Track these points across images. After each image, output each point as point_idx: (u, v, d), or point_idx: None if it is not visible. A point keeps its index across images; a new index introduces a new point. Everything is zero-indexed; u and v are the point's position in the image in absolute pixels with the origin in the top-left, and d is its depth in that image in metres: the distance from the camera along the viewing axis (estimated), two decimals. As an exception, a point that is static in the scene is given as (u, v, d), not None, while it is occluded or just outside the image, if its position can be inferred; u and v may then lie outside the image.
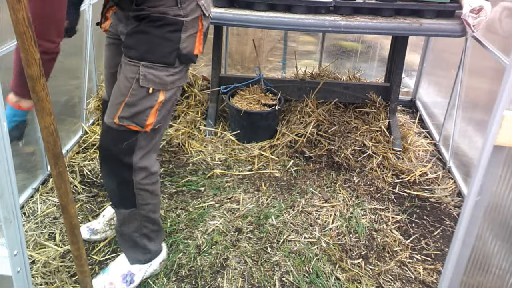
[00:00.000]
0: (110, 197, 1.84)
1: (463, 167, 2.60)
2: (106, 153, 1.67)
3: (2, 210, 1.15)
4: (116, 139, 1.61)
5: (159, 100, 1.58)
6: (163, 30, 1.52)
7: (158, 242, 1.90)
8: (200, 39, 1.60)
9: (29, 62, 1.16)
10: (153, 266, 1.90)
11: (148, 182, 1.70)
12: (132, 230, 1.79)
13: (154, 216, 1.80)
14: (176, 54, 1.55)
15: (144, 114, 1.58)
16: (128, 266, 1.86)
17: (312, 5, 2.41)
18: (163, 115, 1.64)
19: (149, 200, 1.74)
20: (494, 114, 1.00)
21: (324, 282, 1.92)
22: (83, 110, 2.87)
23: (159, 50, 1.54)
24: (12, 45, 2.03)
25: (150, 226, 1.81)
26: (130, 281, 1.84)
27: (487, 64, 2.40)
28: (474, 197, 1.07)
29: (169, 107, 1.65)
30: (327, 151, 2.72)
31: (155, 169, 1.72)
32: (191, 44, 1.58)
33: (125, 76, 1.58)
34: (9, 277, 1.25)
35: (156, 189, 1.76)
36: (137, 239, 1.81)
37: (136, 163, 1.64)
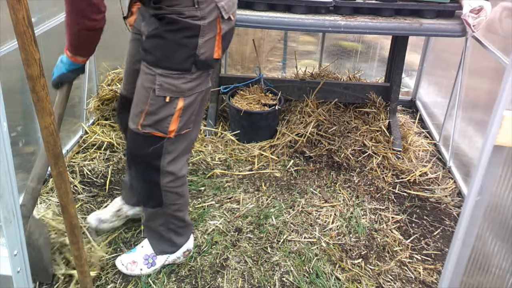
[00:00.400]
0: (138, 195, 1.88)
1: (463, 167, 2.60)
2: (134, 156, 1.69)
3: (2, 210, 1.15)
4: (143, 143, 1.64)
5: (178, 107, 1.57)
6: (179, 35, 1.48)
7: (186, 236, 1.94)
8: (219, 43, 1.54)
9: (29, 62, 1.16)
10: (176, 254, 1.94)
11: (174, 185, 1.74)
12: (158, 224, 1.84)
13: (180, 215, 1.85)
14: (193, 60, 1.51)
15: (166, 122, 1.59)
16: (151, 248, 1.92)
17: (312, 5, 2.41)
18: (185, 121, 1.62)
19: (176, 201, 1.78)
20: (494, 114, 1.00)
21: (324, 282, 1.92)
22: (83, 110, 2.87)
23: (174, 56, 1.50)
24: (12, 45, 2.03)
25: (176, 223, 1.86)
26: (151, 263, 1.91)
27: (487, 64, 2.40)
28: (474, 197, 1.07)
29: (192, 112, 1.63)
30: (327, 151, 2.72)
31: (183, 172, 1.74)
32: (209, 49, 1.52)
33: (142, 85, 1.59)
34: (9, 277, 1.25)
35: (183, 190, 1.79)
36: (163, 233, 1.86)
37: (163, 167, 1.67)
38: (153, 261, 1.92)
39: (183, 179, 1.77)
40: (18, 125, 2.21)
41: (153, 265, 1.92)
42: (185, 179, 1.79)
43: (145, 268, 1.91)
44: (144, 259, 1.91)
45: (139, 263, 1.91)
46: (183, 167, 1.75)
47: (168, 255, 1.94)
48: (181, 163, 1.72)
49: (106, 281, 1.89)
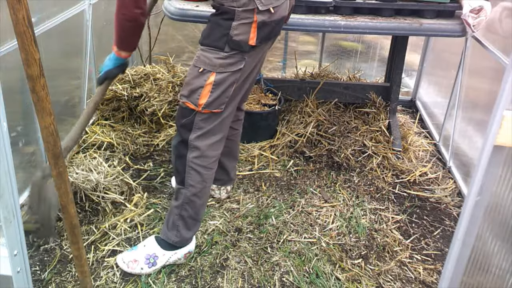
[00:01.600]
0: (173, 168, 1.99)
1: (463, 167, 2.60)
2: (176, 127, 1.88)
3: (2, 210, 1.16)
4: (180, 115, 1.83)
5: (209, 81, 1.71)
6: (218, 17, 1.70)
7: (191, 233, 1.97)
8: (255, 30, 1.67)
9: (29, 62, 1.16)
10: (178, 254, 1.96)
11: (199, 163, 1.83)
12: (174, 206, 1.93)
13: (197, 202, 1.90)
14: (226, 40, 1.67)
15: (197, 93, 1.74)
16: (154, 248, 1.95)
17: (312, 5, 2.41)
18: (215, 98, 1.74)
19: (197, 184, 1.86)
20: (494, 114, 1.00)
21: (324, 282, 1.92)
22: (83, 110, 2.86)
23: (212, 34, 1.70)
24: (12, 45, 2.03)
25: (189, 211, 1.90)
26: (152, 263, 1.93)
27: (487, 64, 2.40)
28: (474, 197, 1.07)
29: (222, 92, 1.74)
30: (327, 151, 2.72)
31: (210, 153, 1.84)
32: (244, 32, 1.67)
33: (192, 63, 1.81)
34: (9, 277, 1.25)
35: (206, 175, 1.87)
36: (174, 218, 1.92)
37: (191, 140, 1.81)
38: (154, 261, 1.93)
39: (210, 160, 1.85)
40: (18, 125, 2.21)
41: (154, 265, 1.93)
42: (211, 164, 1.87)
43: (146, 268, 1.92)
44: (145, 259, 1.93)
45: (141, 262, 1.92)
46: (211, 147, 1.84)
47: (169, 256, 1.94)
48: (209, 141, 1.82)
49: (106, 281, 1.89)
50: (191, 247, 1.99)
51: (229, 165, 2.29)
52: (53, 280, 1.89)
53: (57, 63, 2.61)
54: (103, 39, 3.08)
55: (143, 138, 2.82)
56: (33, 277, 1.89)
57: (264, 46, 1.83)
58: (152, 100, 2.79)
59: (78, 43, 2.77)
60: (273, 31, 1.77)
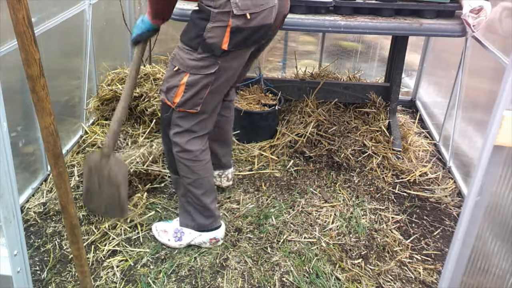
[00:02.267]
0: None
1: (463, 167, 2.60)
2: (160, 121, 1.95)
3: (2, 210, 1.16)
4: (162, 110, 1.89)
5: (183, 81, 1.74)
6: (196, 15, 1.71)
7: (208, 220, 2.01)
8: (228, 35, 1.64)
9: (29, 62, 1.16)
10: (203, 237, 2.03)
11: (184, 157, 1.88)
12: (180, 194, 2.01)
13: (196, 192, 1.94)
14: (199, 41, 1.68)
15: (172, 91, 1.78)
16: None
17: (312, 5, 2.41)
18: (189, 97, 1.76)
19: (188, 175, 1.91)
20: (494, 114, 1.00)
21: (324, 282, 1.92)
22: (83, 110, 2.87)
23: (189, 32, 1.73)
24: (12, 45, 2.03)
25: (193, 199, 1.96)
26: (178, 238, 2.04)
27: (487, 64, 2.40)
28: (474, 197, 1.07)
29: (195, 92, 1.76)
30: (327, 151, 2.72)
31: (191, 147, 1.87)
32: (218, 36, 1.65)
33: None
34: (9, 277, 1.25)
35: (195, 167, 1.90)
36: (184, 204, 2.00)
37: (171, 136, 1.86)
38: (181, 236, 2.03)
39: (194, 155, 1.88)
40: (18, 125, 2.21)
41: (180, 240, 2.04)
42: (199, 157, 1.90)
43: (172, 240, 2.04)
44: (174, 232, 2.04)
45: (169, 233, 2.05)
46: (190, 143, 1.87)
47: (194, 236, 2.02)
48: (187, 138, 1.86)
49: (106, 281, 1.89)
50: (218, 234, 2.05)
51: (220, 151, 2.29)
52: (53, 280, 1.89)
53: (57, 63, 2.61)
54: (103, 39, 3.08)
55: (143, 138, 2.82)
56: (33, 277, 1.89)
57: (243, 52, 1.76)
58: (152, 100, 2.79)
59: (78, 43, 2.77)
60: (250, 38, 1.69)
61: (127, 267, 1.97)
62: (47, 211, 2.25)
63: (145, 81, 2.93)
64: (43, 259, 1.99)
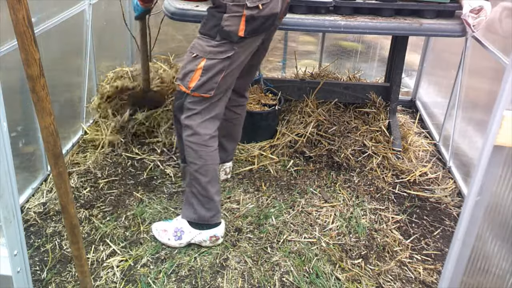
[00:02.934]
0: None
1: (463, 167, 2.60)
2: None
3: (2, 210, 1.16)
4: (175, 97, 2.00)
5: (200, 66, 1.87)
6: (213, 10, 1.87)
7: (209, 212, 2.04)
8: (243, 23, 1.82)
9: (29, 62, 1.16)
10: (203, 235, 2.06)
11: (193, 141, 1.96)
12: (186, 184, 2.07)
13: (201, 180, 1.99)
14: (218, 29, 1.83)
15: (188, 76, 1.90)
16: (183, 223, 2.07)
17: (312, 5, 2.41)
18: (204, 82, 1.88)
19: (195, 160, 1.98)
20: (494, 114, 1.00)
21: (324, 282, 1.92)
22: (83, 110, 2.87)
23: (206, 24, 1.88)
24: (12, 45, 2.03)
25: (197, 187, 2.00)
26: (178, 237, 2.06)
27: (487, 64, 2.40)
28: (474, 197, 1.07)
29: (210, 76, 1.88)
30: (327, 151, 2.72)
31: (202, 131, 1.96)
32: (234, 24, 1.81)
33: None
34: (9, 277, 1.25)
35: (203, 151, 1.97)
36: (188, 195, 2.05)
37: (182, 120, 1.96)
38: (181, 235, 2.05)
39: (203, 138, 1.96)
40: (18, 125, 2.21)
41: (180, 239, 2.05)
42: (206, 141, 1.97)
43: (172, 239, 2.06)
44: (174, 231, 2.06)
45: (169, 233, 2.07)
46: (201, 125, 1.96)
47: (194, 234, 2.05)
48: (199, 120, 1.95)
49: (106, 281, 1.89)
50: (217, 232, 2.06)
51: (228, 146, 2.42)
52: (53, 280, 1.89)
53: (57, 63, 2.61)
54: (103, 39, 3.08)
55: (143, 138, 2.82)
56: (33, 277, 1.89)
57: (255, 40, 1.93)
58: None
59: (78, 43, 2.77)
60: (262, 26, 1.87)
61: (127, 267, 1.97)
62: (47, 211, 2.25)
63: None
64: (43, 259, 1.99)
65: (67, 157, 2.62)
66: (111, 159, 2.66)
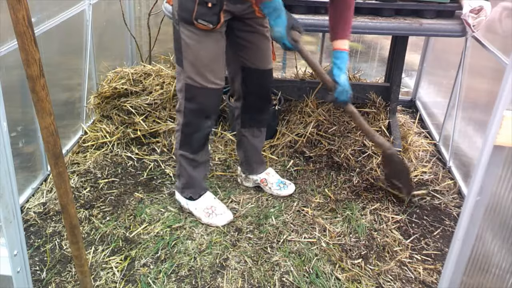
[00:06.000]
0: None
1: (463, 167, 2.60)
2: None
3: (2, 210, 1.16)
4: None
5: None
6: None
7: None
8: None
9: (29, 62, 1.16)
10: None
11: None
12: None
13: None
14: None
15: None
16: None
17: (312, 5, 2.41)
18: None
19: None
20: (494, 114, 1.00)
21: (324, 282, 1.92)
22: (83, 110, 2.87)
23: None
24: (12, 45, 2.03)
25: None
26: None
27: (487, 64, 2.40)
28: (474, 197, 1.07)
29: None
30: (327, 151, 2.72)
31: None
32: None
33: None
34: (9, 277, 1.25)
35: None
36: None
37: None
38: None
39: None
40: (18, 125, 2.21)
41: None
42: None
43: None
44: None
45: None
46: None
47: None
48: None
49: (106, 281, 1.89)
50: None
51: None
52: (53, 280, 1.89)
53: (57, 63, 2.61)
54: (103, 39, 3.08)
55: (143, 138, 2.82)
56: (33, 277, 1.89)
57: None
58: (154, 93, 2.83)
59: (78, 43, 2.77)
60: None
61: (127, 267, 1.97)
62: (47, 211, 2.25)
63: (145, 79, 2.94)
64: (43, 259, 1.99)
65: (67, 157, 2.63)
66: (111, 159, 2.66)
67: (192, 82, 1.98)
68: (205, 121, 2.09)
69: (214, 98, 2.07)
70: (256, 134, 2.34)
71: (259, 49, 2.13)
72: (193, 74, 1.97)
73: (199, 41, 1.93)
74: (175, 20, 1.96)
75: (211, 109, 2.08)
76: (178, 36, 1.95)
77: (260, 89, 2.23)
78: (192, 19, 1.87)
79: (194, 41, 1.92)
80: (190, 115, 2.06)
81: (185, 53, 1.95)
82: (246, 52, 2.12)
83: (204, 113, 2.07)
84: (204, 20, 1.87)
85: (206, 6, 1.85)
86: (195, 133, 2.10)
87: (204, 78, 1.98)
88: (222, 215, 2.20)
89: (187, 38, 1.93)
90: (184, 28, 1.92)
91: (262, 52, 2.14)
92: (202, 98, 2.02)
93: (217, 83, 2.02)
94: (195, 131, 2.10)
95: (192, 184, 2.21)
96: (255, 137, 2.34)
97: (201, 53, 1.94)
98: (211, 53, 1.96)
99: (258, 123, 2.32)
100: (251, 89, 2.22)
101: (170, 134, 2.83)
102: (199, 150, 2.16)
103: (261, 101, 2.26)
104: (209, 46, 1.95)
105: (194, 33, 1.91)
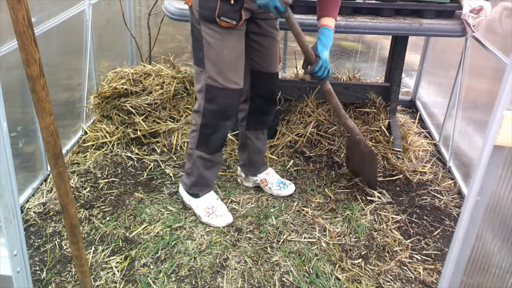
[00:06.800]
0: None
1: (463, 167, 2.60)
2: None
3: (2, 210, 1.16)
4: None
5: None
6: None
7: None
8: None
9: (29, 62, 1.16)
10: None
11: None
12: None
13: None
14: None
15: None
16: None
17: (312, 5, 2.41)
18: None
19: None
20: (494, 114, 1.00)
21: (324, 282, 1.92)
22: (83, 110, 2.87)
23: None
24: (12, 45, 2.03)
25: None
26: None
27: (487, 64, 2.40)
28: (474, 197, 1.07)
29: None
30: (327, 151, 2.72)
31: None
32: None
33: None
34: (9, 277, 1.25)
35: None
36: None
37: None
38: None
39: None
40: (18, 125, 2.21)
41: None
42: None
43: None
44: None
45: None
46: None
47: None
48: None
49: (106, 281, 1.89)
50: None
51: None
52: (53, 280, 1.89)
53: (57, 63, 2.61)
54: (103, 39, 3.08)
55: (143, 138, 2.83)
56: (33, 277, 1.89)
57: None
58: (154, 93, 2.82)
59: (78, 43, 2.77)
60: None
61: (127, 267, 1.97)
62: (47, 211, 2.25)
63: (145, 79, 2.94)
64: (43, 259, 1.99)
65: (67, 157, 2.63)
66: (111, 159, 2.66)
67: (213, 83, 1.97)
68: (224, 122, 2.07)
69: (234, 99, 2.05)
70: (260, 136, 2.34)
71: (270, 53, 2.16)
72: (214, 74, 1.96)
73: (221, 39, 1.91)
74: (195, 20, 1.94)
75: (231, 111, 2.06)
76: (199, 36, 1.94)
77: (267, 92, 2.24)
78: (215, 16, 1.86)
79: (216, 39, 1.91)
80: (209, 116, 2.04)
81: (206, 53, 1.93)
82: (257, 55, 2.13)
83: (224, 115, 2.05)
84: (227, 17, 1.87)
85: (228, 3, 1.85)
86: (214, 134, 2.08)
87: (226, 78, 1.97)
88: (222, 217, 2.20)
89: (209, 37, 1.91)
90: (205, 27, 1.91)
91: (273, 56, 2.18)
92: (223, 99, 2.01)
93: (239, 83, 2.02)
94: (213, 132, 2.08)
95: (201, 182, 2.22)
96: (259, 139, 2.34)
97: (224, 52, 1.93)
98: (233, 51, 1.96)
99: (262, 125, 2.32)
100: (259, 92, 2.22)
101: (170, 134, 2.83)
102: (216, 151, 2.15)
103: (267, 103, 2.27)
104: (231, 44, 1.94)
105: (216, 32, 1.91)
